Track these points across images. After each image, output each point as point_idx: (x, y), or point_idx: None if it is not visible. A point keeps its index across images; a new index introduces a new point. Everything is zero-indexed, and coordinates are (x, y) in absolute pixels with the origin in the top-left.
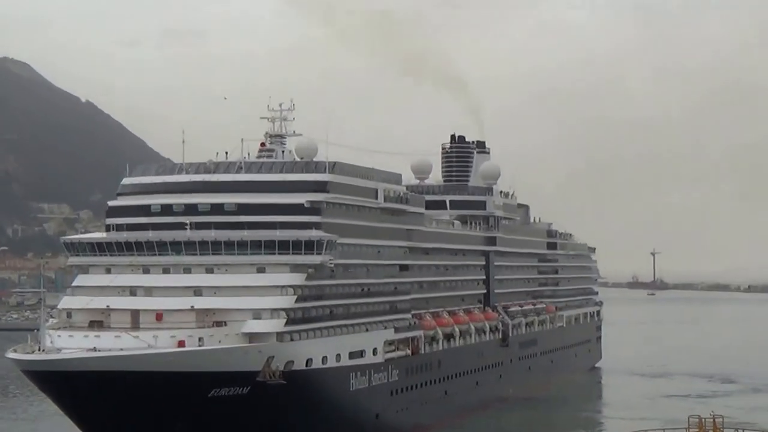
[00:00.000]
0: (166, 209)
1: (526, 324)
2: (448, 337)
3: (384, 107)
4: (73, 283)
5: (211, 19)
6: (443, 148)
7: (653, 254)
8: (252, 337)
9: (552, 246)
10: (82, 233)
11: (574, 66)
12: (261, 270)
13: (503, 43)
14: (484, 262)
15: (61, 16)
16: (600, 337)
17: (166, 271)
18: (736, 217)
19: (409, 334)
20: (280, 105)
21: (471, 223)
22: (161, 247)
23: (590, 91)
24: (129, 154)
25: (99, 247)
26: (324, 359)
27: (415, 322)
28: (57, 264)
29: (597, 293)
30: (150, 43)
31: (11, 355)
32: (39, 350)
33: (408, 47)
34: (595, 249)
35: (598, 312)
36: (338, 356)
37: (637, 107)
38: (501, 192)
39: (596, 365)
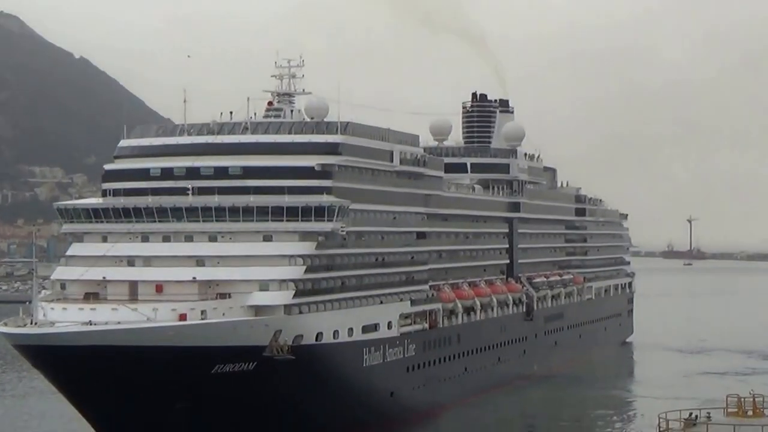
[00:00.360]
0: (167, 173)
1: (552, 296)
2: (469, 310)
3: (399, 65)
4: (67, 252)
5: None
6: (464, 107)
7: (690, 221)
8: (258, 309)
9: (581, 212)
10: (76, 198)
11: (602, 28)
12: (268, 238)
13: (527, 1)
14: (507, 230)
15: None
16: (631, 311)
17: (166, 239)
18: None
19: (427, 307)
20: (288, 61)
21: (493, 188)
22: (161, 214)
23: (619, 53)
24: (126, 114)
25: (95, 214)
26: (335, 333)
27: (432, 294)
28: (49, 231)
29: (629, 263)
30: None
31: (1, 329)
32: (31, 324)
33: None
34: (627, 216)
35: (630, 283)
36: (350, 330)
37: (670, 70)
38: (526, 154)
39: (627, 340)
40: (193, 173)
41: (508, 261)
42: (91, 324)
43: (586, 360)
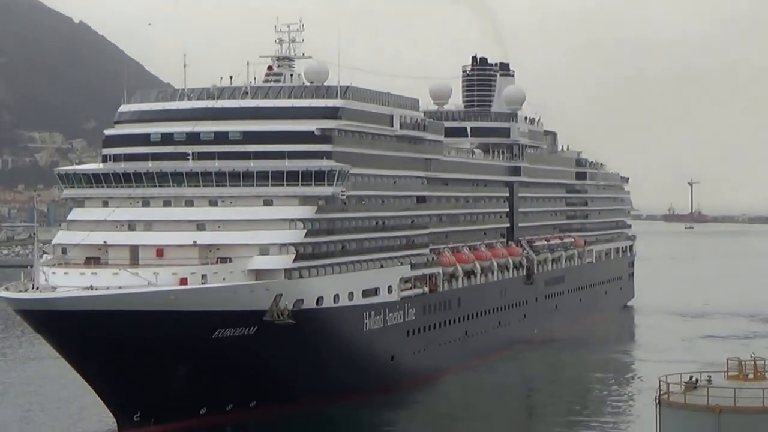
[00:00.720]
0: (167, 138)
1: (553, 260)
2: (469, 274)
3: (397, 29)
4: (68, 217)
5: None
6: (464, 71)
7: (691, 184)
8: (259, 274)
9: (581, 176)
10: (76, 164)
11: None
12: (268, 202)
13: None
14: (507, 194)
15: None
16: (632, 274)
17: (166, 204)
18: None
19: (427, 271)
20: (288, 25)
21: (494, 152)
22: (162, 179)
23: (617, 13)
24: (126, 78)
25: (95, 179)
26: (335, 298)
27: (433, 258)
28: (49, 196)
29: (630, 227)
30: None
31: (3, 293)
32: (33, 288)
33: None
34: (628, 179)
35: (631, 247)
36: (351, 294)
37: (668, 30)
38: (526, 118)
39: (628, 304)
40: (193, 138)
41: (508, 225)
42: (92, 289)
43: (586, 324)
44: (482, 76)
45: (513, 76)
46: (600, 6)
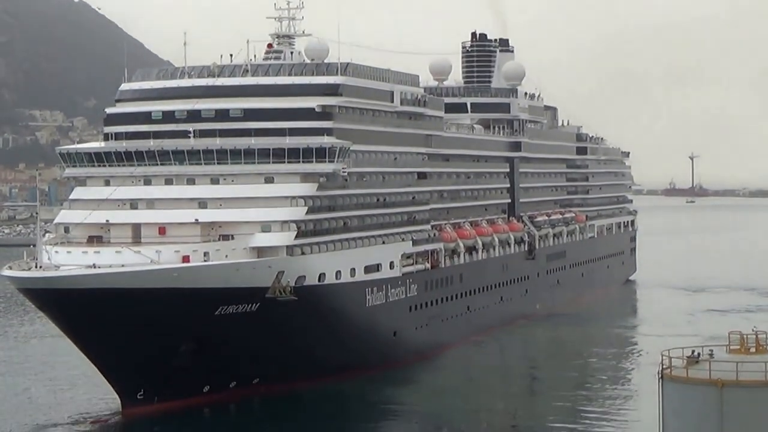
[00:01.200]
0: (168, 116)
1: (554, 235)
2: (470, 249)
3: (397, 5)
4: (70, 196)
5: None
6: (463, 47)
7: (692, 158)
8: (260, 251)
9: (582, 151)
10: (77, 142)
11: None
12: (269, 180)
13: None
14: (508, 169)
15: None
16: (634, 249)
17: (168, 182)
18: None
19: (429, 247)
20: (288, 2)
21: (494, 128)
22: (163, 157)
23: None
24: (126, 56)
25: (97, 158)
26: (337, 274)
27: (434, 234)
28: (51, 175)
29: (631, 201)
30: None
31: (6, 272)
32: (36, 267)
33: None
34: (628, 154)
35: (633, 221)
36: (353, 271)
37: (669, 6)
38: (526, 93)
39: (630, 278)
40: (194, 116)
41: (509, 200)
42: (95, 267)
43: (589, 298)
44: (482, 52)
45: (512, 51)
46: None
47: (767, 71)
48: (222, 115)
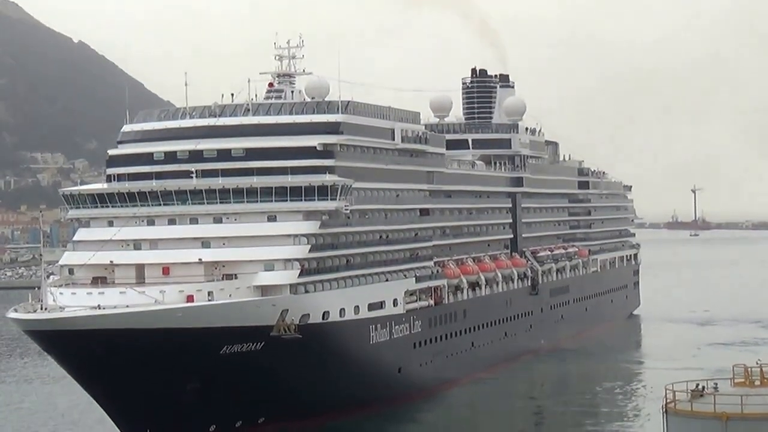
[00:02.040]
0: (170, 156)
1: (557, 270)
2: (474, 285)
3: (397, 43)
4: (74, 238)
5: None
6: (464, 83)
7: (694, 191)
8: (264, 289)
9: (584, 185)
10: (78, 184)
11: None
12: (272, 218)
13: None
14: (510, 205)
15: None
16: (638, 283)
17: (171, 222)
18: None
19: (432, 284)
20: (288, 42)
21: (495, 163)
22: (166, 197)
23: (614, 29)
24: (127, 97)
25: (100, 199)
26: (341, 311)
27: (437, 271)
28: (53, 217)
29: (634, 235)
30: None
31: (12, 314)
32: (41, 309)
33: None
34: (631, 187)
35: (636, 255)
36: (356, 308)
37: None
38: (527, 129)
39: (634, 312)
40: (196, 156)
41: (512, 236)
42: (99, 308)
43: (593, 333)
44: (482, 88)
45: (513, 87)
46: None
47: (758, 109)
48: (224, 154)
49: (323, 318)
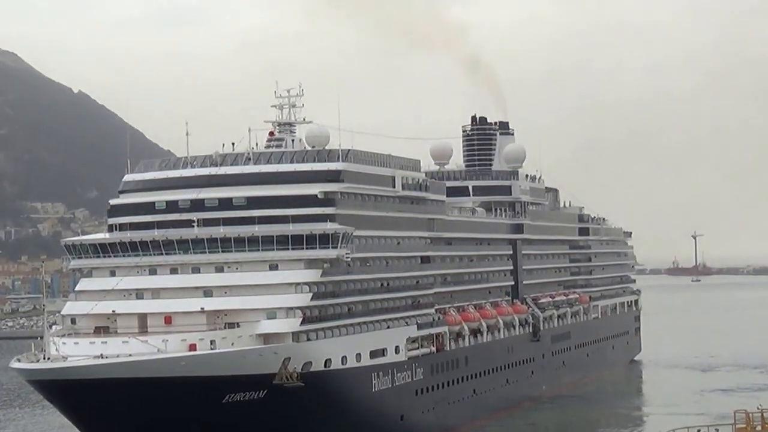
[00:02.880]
0: (172, 206)
1: (558, 316)
2: (475, 332)
3: (397, 92)
4: (76, 288)
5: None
6: (464, 131)
7: (694, 237)
8: (267, 338)
9: (584, 231)
10: (78, 233)
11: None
12: (274, 267)
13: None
14: (511, 252)
15: (48, 2)
16: (639, 328)
17: (173, 271)
18: None
19: (434, 331)
20: (288, 91)
21: (496, 210)
22: (168, 246)
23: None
24: (126, 146)
25: (102, 249)
26: (344, 359)
27: (439, 318)
28: (53, 267)
29: (634, 281)
30: (140, 28)
31: (15, 364)
32: (44, 359)
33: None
34: (631, 233)
35: (636, 301)
36: (358, 356)
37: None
38: (527, 175)
39: (635, 358)
40: (197, 205)
41: (512, 282)
42: (102, 357)
43: (594, 379)
44: (482, 136)
45: (513, 134)
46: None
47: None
48: (225, 203)
49: (325, 366)
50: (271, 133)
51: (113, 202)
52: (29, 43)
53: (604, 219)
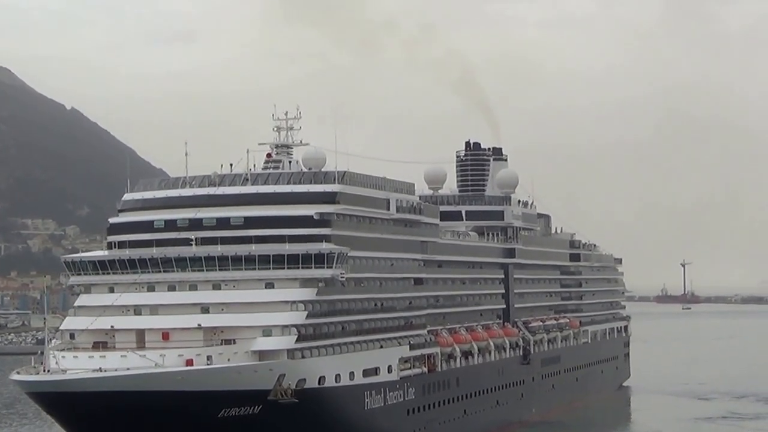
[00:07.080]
0: (170, 225)
1: (549, 340)
2: (466, 354)
3: (391, 116)
4: (75, 303)
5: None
6: (458, 156)
7: (683, 265)
8: (262, 354)
9: (575, 257)
10: (69, 250)
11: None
12: (270, 285)
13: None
14: (502, 276)
15: (42, 19)
16: (628, 354)
17: (171, 288)
18: None
19: (425, 351)
20: (286, 113)
21: (488, 235)
22: (166, 264)
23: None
24: (118, 165)
25: (101, 266)
26: (337, 377)
27: (431, 339)
28: (42, 283)
29: (624, 307)
30: (133, 45)
31: (15, 377)
32: (44, 371)
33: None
34: (621, 260)
35: (626, 327)
36: (352, 374)
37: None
38: (519, 201)
39: (624, 384)
40: (195, 224)
41: (504, 306)
42: (101, 370)
43: (583, 404)
44: (476, 161)
45: (506, 160)
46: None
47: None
48: (223, 223)
49: (319, 383)
50: (269, 155)
51: (113, 220)
52: (22, 59)
53: (595, 245)
